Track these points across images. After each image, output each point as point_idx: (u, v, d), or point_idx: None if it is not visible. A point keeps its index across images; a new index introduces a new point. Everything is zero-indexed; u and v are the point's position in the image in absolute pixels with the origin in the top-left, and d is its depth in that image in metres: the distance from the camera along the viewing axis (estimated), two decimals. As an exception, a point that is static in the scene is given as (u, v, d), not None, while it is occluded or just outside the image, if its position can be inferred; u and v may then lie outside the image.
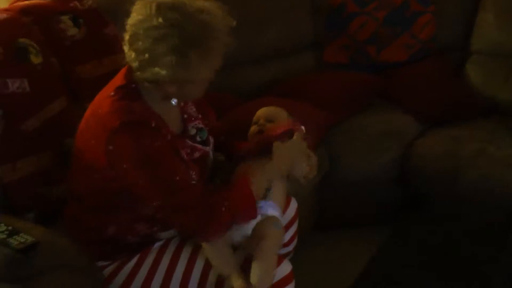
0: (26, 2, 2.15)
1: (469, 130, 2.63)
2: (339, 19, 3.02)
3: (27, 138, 1.86)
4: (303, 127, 1.88)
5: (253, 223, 1.67)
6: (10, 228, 1.49)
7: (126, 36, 1.56)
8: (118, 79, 1.62)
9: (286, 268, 1.68)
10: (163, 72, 1.53)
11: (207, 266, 1.65)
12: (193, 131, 1.75)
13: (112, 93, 1.57)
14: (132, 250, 1.68)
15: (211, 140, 1.82)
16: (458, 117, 2.73)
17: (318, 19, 3.04)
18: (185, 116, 1.76)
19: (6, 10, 2.07)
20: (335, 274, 2.47)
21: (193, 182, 1.59)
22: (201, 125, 1.79)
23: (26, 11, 2.07)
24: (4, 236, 1.46)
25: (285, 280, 1.67)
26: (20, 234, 1.46)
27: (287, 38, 2.98)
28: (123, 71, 1.63)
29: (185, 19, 1.50)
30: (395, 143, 2.62)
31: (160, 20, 1.49)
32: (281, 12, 2.95)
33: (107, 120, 1.52)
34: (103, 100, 1.59)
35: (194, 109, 1.81)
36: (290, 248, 2.03)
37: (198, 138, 1.75)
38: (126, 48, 1.57)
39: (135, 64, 1.56)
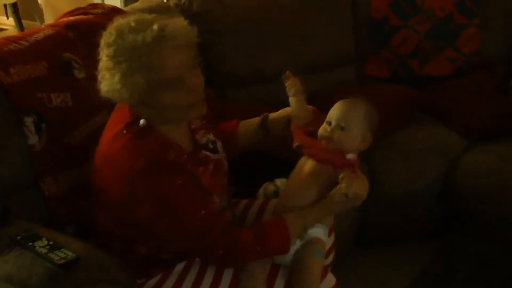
0: (71, 18, 2.18)
1: (516, 146, 2.56)
2: (381, 32, 2.98)
3: (70, 151, 1.88)
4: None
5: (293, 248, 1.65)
6: (51, 242, 1.51)
7: None
8: (125, 114, 1.56)
9: (331, 280, 1.71)
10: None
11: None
12: (204, 140, 1.69)
13: (125, 131, 1.52)
14: (166, 266, 1.66)
15: (219, 144, 1.75)
16: (504, 133, 2.66)
17: (360, 33, 3.02)
18: (193, 127, 1.69)
19: (52, 25, 2.10)
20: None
21: (217, 209, 1.58)
22: (207, 134, 1.73)
23: (71, 26, 2.09)
24: (46, 250, 1.47)
25: None
26: (61, 249, 1.48)
27: (329, 51, 2.96)
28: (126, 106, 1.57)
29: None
30: (439, 159, 2.57)
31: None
32: (323, 26, 2.93)
33: (123, 163, 1.48)
34: (115, 138, 1.53)
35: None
36: (329, 260, 2.00)
37: (210, 145, 1.70)
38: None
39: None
